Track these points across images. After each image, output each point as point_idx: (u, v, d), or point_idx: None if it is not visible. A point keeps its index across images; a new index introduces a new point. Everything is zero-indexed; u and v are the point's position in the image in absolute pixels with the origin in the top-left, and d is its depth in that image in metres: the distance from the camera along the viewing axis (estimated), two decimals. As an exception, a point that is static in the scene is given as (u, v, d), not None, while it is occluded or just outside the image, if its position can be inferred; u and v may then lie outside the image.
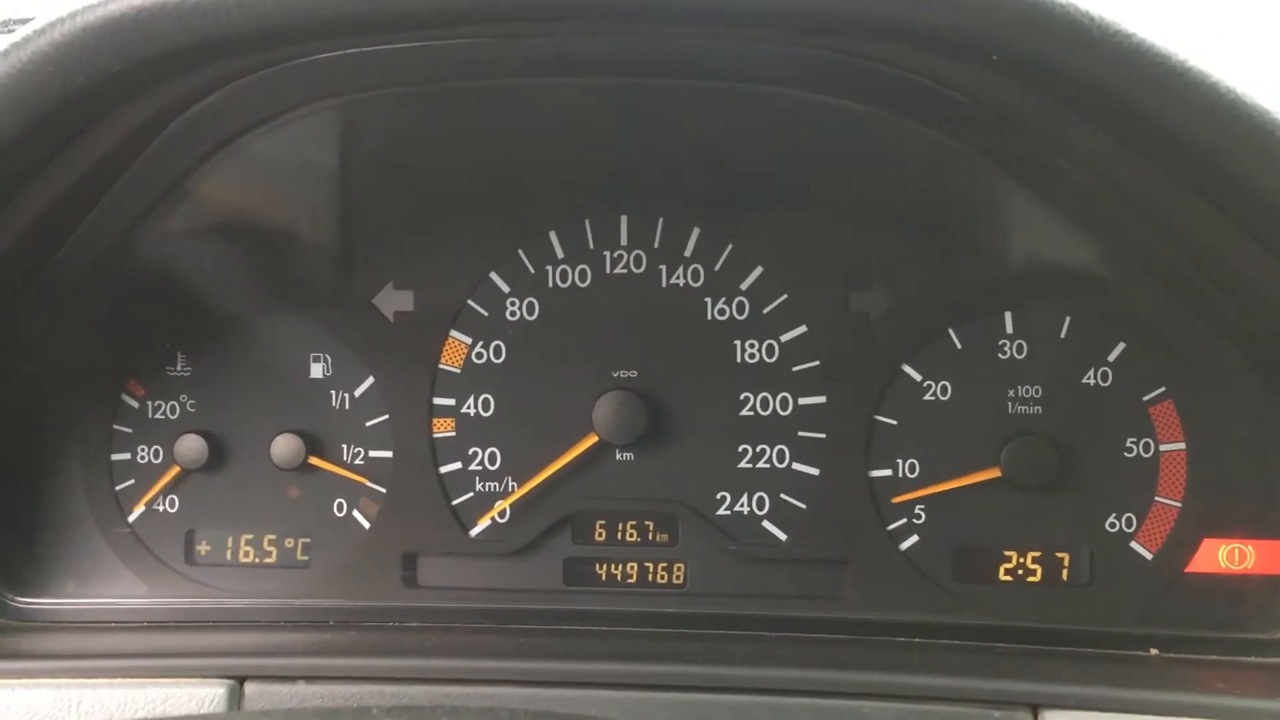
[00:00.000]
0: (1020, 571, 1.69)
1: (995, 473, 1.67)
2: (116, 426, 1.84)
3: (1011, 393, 1.69)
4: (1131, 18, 1.07)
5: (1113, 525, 1.68)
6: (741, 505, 1.75)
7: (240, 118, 1.39)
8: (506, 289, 1.79)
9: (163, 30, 1.12)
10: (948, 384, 1.71)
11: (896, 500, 1.72)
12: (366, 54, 1.24)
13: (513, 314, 1.79)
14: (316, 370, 1.82)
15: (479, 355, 1.79)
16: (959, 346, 1.71)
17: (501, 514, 1.79)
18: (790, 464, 1.74)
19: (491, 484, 1.79)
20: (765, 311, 1.74)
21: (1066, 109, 1.17)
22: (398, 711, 0.96)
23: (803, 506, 1.74)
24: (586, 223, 1.77)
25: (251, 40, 1.14)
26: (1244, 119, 1.05)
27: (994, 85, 1.21)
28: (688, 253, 1.76)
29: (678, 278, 1.76)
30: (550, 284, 1.78)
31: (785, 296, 1.74)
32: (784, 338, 1.74)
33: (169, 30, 1.12)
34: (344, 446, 1.81)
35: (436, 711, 0.98)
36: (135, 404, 1.84)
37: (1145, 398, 1.67)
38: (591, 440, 1.74)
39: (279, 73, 1.26)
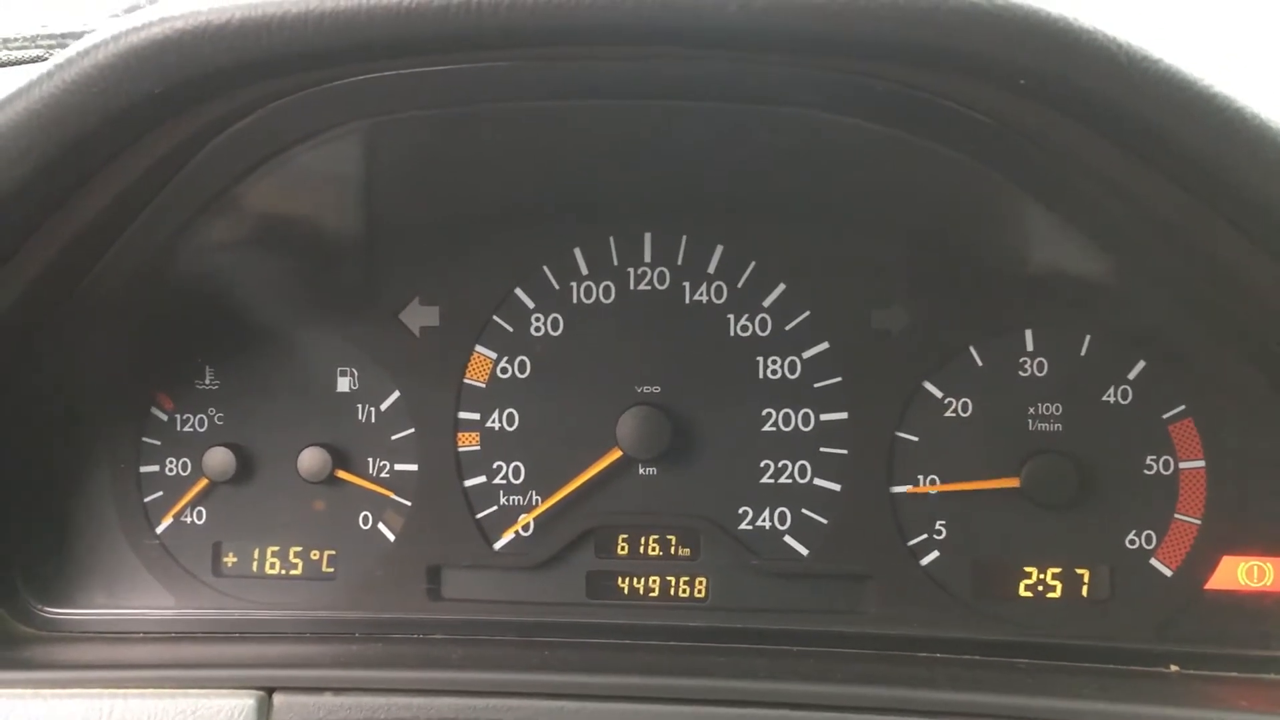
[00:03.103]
0: (1040, 587, 1.70)
1: (1014, 482, 1.68)
2: (145, 439, 1.86)
3: (1032, 410, 1.70)
4: (1157, 40, 1.09)
5: (1132, 542, 1.69)
6: (763, 520, 1.77)
7: (277, 137, 1.41)
8: (531, 305, 1.80)
9: (204, 53, 1.14)
10: (969, 401, 1.73)
11: (911, 491, 1.73)
12: (400, 76, 1.25)
13: (537, 330, 1.80)
14: (343, 384, 1.84)
15: (504, 370, 1.81)
16: (980, 364, 1.72)
17: (525, 528, 1.80)
18: (812, 479, 1.76)
19: (515, 498, 1.81)
20: (788, 328, 1.76)
21: (1091, 131, 1.18)
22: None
23: (824, 522, 1.75)
24: (611, 240, 1.79)
25: (290, 63, 1.16)
26: (1269, 144, 1.07)
27: (1019, 108, 1.23)
28: (711, 270, 1.78)
29: (701, 294, 1.78)
30: (575, 300, 1.80)
31: (807, 313, 1.75)
32: (806, 354, 1.76)
33: (210, 53, 1.14)
34: (370, 460, 1.83)
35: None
36: (164, 417, 1.86)
37: (1165, 416, 1.68)
38: (615, 455, 1.75)
39: (315, 94, 1.28)
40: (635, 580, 1.79)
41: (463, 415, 1.82)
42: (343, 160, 1.59)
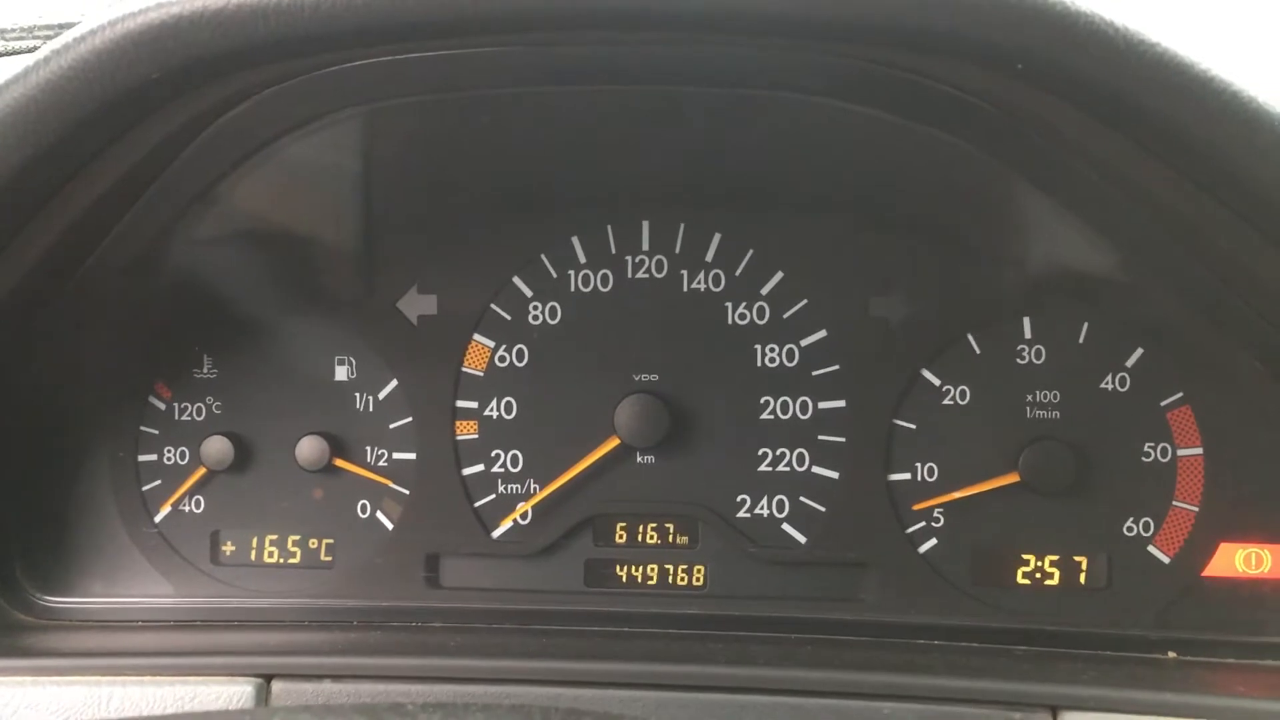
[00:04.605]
0: (1038, 575, 1.70)
1: (1014, 478, 1.69)
2: (143, 428, 1.86)
3: (1030, 398, 1.71)
4: (1154, 25, 1.09)
5: (1130, 529, 1.69)
6: (761, 508, 1.77)
7: (272, 124, 1.41)
8: (529, 293, 1.80)
9: (200, 38, 1.14)
10: (966, 389, 1.73)
11: (917, 508, 1.73)
12: (396, 62, 1.25)
13: (535, 318, 1.80)
14: (341, 373, 1.83)
15: (501, 359, 1.81)
16: (978, 351, 1.72)
17: (523, 516, 1.81)
18: (810, 467, 1.76)
19: (514, 486, 1.81)
20: (785, 316, 1.76)
21: (1089, 116, 1.18)
22: (432, 708, 0.98)
23: (822, 509, 1.76)
24: (609, 228, 1.79)
25: (286, 47, 1.16)
26: (1266, 129, 1.07)
27: (1017, 93, 1.22)
28: (709, 258, 1.78)
29: (699, 282, 1.78)
30: (572, 288, 1.80)
31: (805, 301, 1.76)
32: (804, 342, 1.76)
33: (206, 38, 1.14)
34: (368, 448, 1.83)
35: (470, 709, 0.99)
36: (162, 406, 1.86)
37: (1163, 403, 1.68)
38: (613, 443, 1.76)
39: (311, 80, 1.27)
40: (634, 568, 1.79)
41: (461, 404, 1.82)
42: (339, 148, 1.59)
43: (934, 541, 1.73)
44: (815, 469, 1.76)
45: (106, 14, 1.16)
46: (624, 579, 1.79)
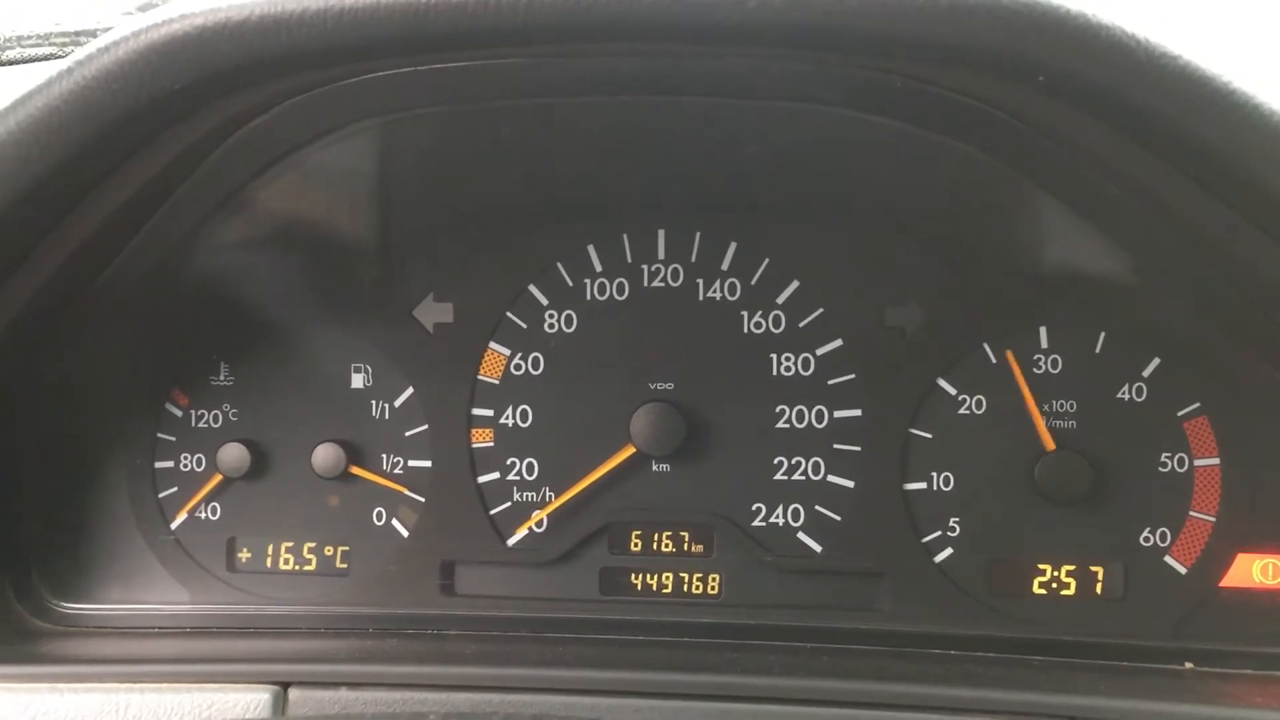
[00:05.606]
0: (1054, 585, 1.70)
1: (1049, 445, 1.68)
2: (160, 435, 1.86)
3: (1046, 407, 1.71)
4: (1175, 37, 1.09)
5: (1147, 539, 1.69)
6: (777, 517, 1.77)
7: (295, 133, 1.41)
8: (545, 301, 1.81)
9: (224, 49, 1.14)
10: (982, 398, 1.73)
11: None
12: (416, 73, 1.26)
13: (551, 326, 1.81)
14: (357, 380, 1.84)
15: (517, 367, 1.82)
16: (994, 361, 1.72)
17: (539, 524, 1.81)
18: (825, 476, 1.76)
19: (529, 494, 1.81)
20: (801, 325, 1.76)
21: (1108, 127, 1.18)
22: (454, 718, 0.99)
23: (838, 518, 1.76)
24: (624, 236, 1.79)
25: (308, 59, 1.16)
26: (1288, 141, 1.07)
27: (1035, 104, 1.22)
28: (725, 266, 1.78)
29: (714, 291, 1.78)
30: (588, 297, 1.80)
31: (821, 310, 1.76)
32: (820, 351, 1.76)
33: (230, 49, 1.14)
34: (384, 456, 1.83)
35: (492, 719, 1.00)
36: (179, 413, 1.86)
37: (1180, 413, 1.68)
38: (629, 451, 1.76)
39: (331, 91, 1.28)
40: (649, 576, 1.79)
41: (476, 412, 1.82)
42: (358, 157, 1.59)
43: (950, 551, 1.73)
44: (831, 478, 1.76)
45: (131, 25, 1.16)
46: (639, 587, 1.79)
